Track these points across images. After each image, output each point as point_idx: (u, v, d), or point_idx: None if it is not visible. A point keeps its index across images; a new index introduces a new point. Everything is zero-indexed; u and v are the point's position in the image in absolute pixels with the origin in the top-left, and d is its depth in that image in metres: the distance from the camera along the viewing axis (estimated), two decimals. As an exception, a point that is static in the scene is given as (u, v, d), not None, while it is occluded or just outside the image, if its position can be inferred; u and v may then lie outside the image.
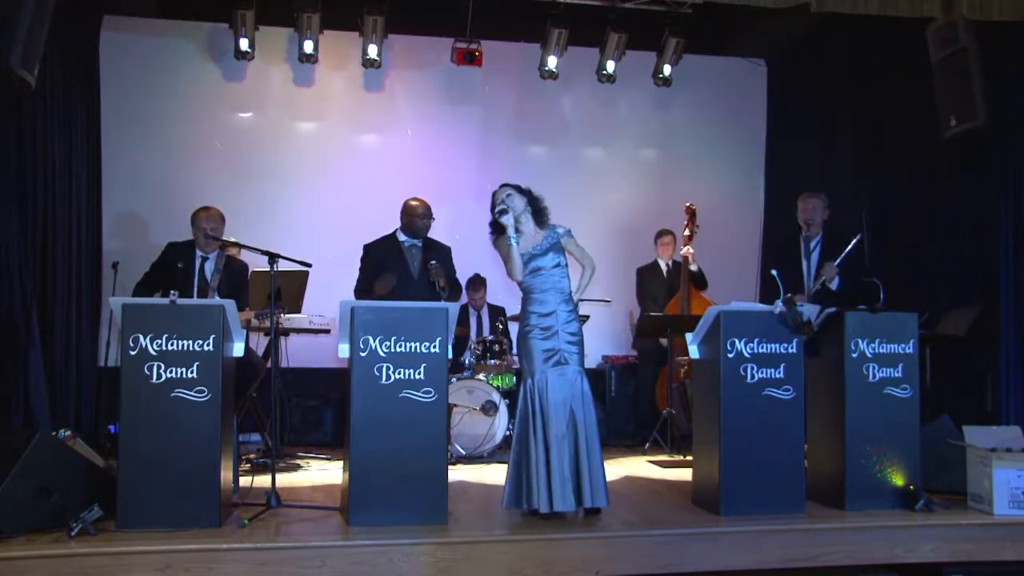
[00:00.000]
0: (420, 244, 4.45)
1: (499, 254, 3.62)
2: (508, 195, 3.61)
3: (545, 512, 3.31)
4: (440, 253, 4.51)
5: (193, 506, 3.12)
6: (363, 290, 4.42)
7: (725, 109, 7.00)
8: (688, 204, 5.68)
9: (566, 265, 3.60)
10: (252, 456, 4.77)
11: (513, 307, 6.06)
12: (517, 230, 3.55)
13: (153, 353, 3.16)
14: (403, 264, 4.40)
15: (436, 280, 4.23)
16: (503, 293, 6.38)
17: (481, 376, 5.34)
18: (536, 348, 3.47)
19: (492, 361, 5.50)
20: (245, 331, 3.64)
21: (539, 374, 3.44)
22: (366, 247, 4.50)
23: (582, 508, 3.39)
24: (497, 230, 3.60)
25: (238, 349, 3.44)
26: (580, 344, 3.54)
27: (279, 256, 3.63)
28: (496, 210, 3.55)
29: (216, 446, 3.17)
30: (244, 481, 3.81)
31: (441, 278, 4.25)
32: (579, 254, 3.69)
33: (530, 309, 3.54)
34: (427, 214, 4.46)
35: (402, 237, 4.49)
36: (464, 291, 6.29)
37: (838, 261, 4.25)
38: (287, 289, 4.57)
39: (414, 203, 4.50)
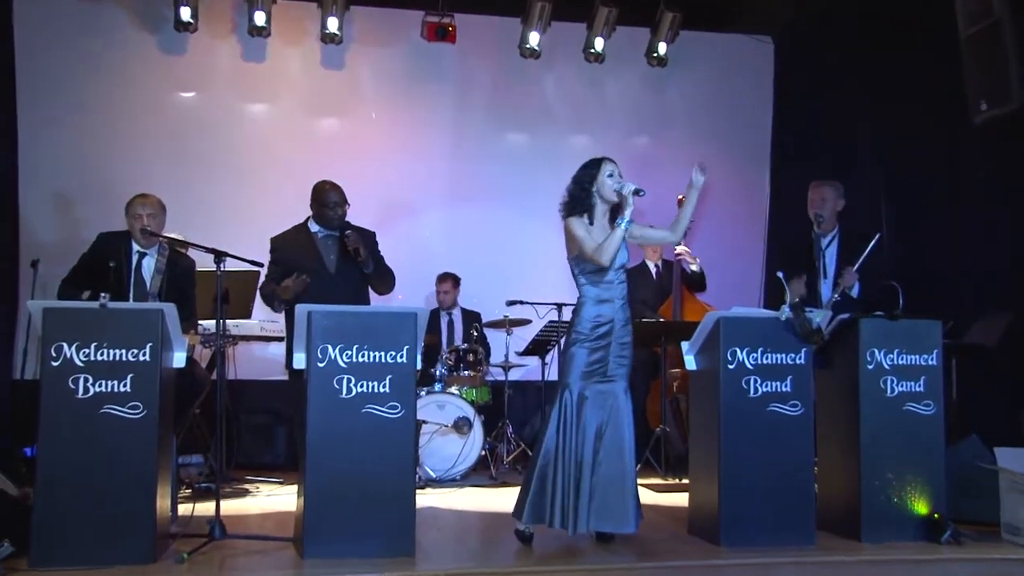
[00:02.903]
0: (336, 235, 4.27)
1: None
2: (616, 172, 3.53)
3: (569, 533, 3.32)
4: (362, 233, 4.31)
5: (123, 539, 3.05)
6: (269, 294, 4.22)
7: (726, 92, 7.04)
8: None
9: (628, 268, 3.58)
10: (193, 480, 4.72)
11: (490, 310, 6.11)
12: (591, 221, 3.48)
13: (79, 364, 3.10)
14: (317, 259, 4.23)
15: (354, 251, 4.08)
16: (479, 295, 6.36)
17: (453, 389, 5.32)
18: (580, 358, 3.43)
19: (466, 372, 5.48)
20: (187, 340, 3.59)
21: (577, 386, 3.42)
22: (273, 241, 4.31)
23: (599, 533, 3.41)
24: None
25: (179, 359, 3.38)
26: (631, 359, 3.52)
27: (226, 254, 3.57)
28: (632, 189, 3.41)
29: (152, 470, 3.12)
30: (184, 509, 3.76)
31: (360, 246, 4.10)
32: (653, 236, 3.74)
33: (585, 316, 3.47)
34: (341, 200, 4.26)
35: (314, 227, 4.30)
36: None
37: (856, 265, 4.22)
38: (236, 292, 4.51)
39: (324, 187, 4.28)
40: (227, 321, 4.47)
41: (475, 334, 5.76)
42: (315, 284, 4.12)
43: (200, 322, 4.38)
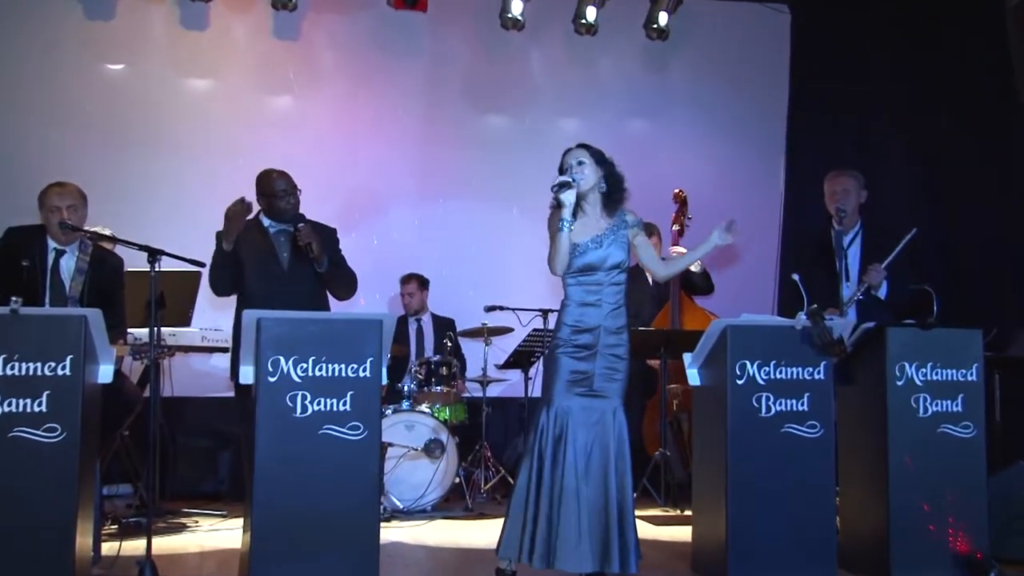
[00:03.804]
0: (290, 229, 4.23)
1: (549, 234, 3.53)
2: (580, 162, 3.54)
3: (539, 567, 3.31)
4: (320, 230, 4.28)
5: (37, 581, 3.02)
6: (215, 263, 4.14)
7: (736, 69, 7.06)
8: (677, 191, 5.70)
9: (627, 269, 3.56)
10: (121, 514, 4.67)
11: (466, 317, 6.10)
12: (575, 212, 3.48)
13: (-15, 379, 3.08)
14: (270, 256, 4.21)
15: (306, 247, 4.06)
16: (453, 300, 6.35)
17: (424, 407, 5.30)
18: (562, 366, 3.43)
19: (438, 388, 5.47)
20: (115, 351, 3.56)
21: (559, 402, 3.41)
22: (218, 235, 4.26)
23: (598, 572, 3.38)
24: (555, 203, 3.52)
25: (105, 374, 3.37)
26: (625, 371, 3.50)
27: (161, 252, 3.54)
28: (558, 182, 3.44)
29: (71, 501, 3.09)
30: (108, 548, 3.72)
31: (313, 240, 4.08)
32: (647, 256, 3.65)
33: (565, 320, 3.48)
34: (290, 188, 4.23)
35: (267, 221, 4.28)
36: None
37: (886, 262, 4.24)
38: (173, 295, 4.47)
39: (270, 175, 4.27)
40: (162, 329, 4.43)
41: (448, 344, 5.73)
42: (266, 285, 4.10)
43: (130, 330, 4.34)
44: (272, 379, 3.21)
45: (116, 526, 4.42)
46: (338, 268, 4.32)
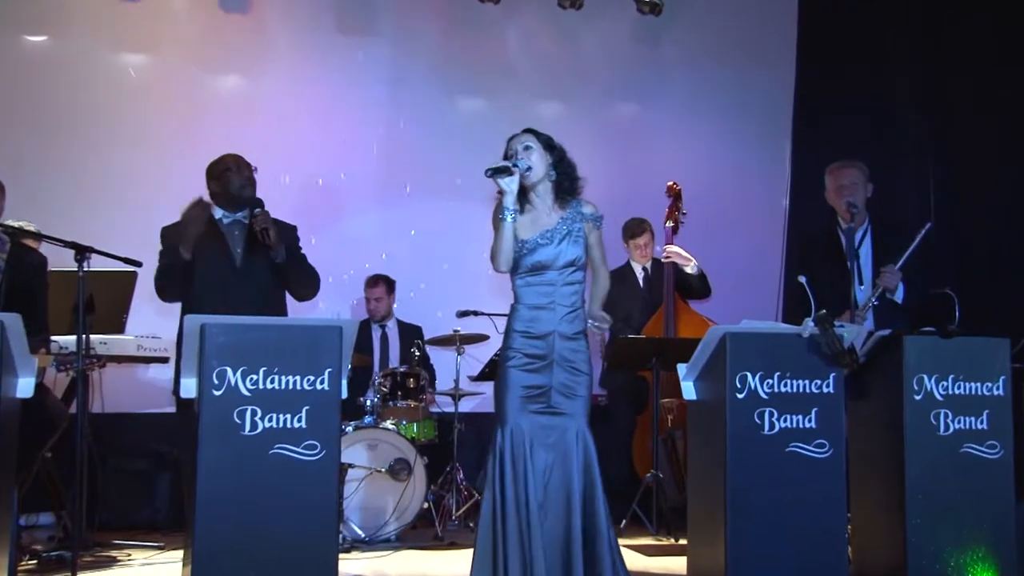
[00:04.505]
0: (245, 220, 4.26)
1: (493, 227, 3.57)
2: (527, 147, 3.57)
3: None
4: (281, 228, 4.31)
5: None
6: (166, 267, 4.18)
7: (737, 47, 7.09)
8: (671, 183, 5.73)
9: (585, 266, 3.58)
10: (42, 547, 4.60)
11: (436, 323, 6.09)
12: (522, 202, 3.48)
13: None
14: (222, 251, 4.23)
15: (262, 232, 4.07)
16: (422, 305, 6.33)
17: (389, 424, 5.29)
18: (513, 381, 3.45)
19: (404, 402, 5.46)
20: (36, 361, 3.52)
21: (514, 420, 3.42)
22: (165, 231, 4.30)
23: None
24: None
25: (24, 387, 3.35)
26: (587, 386, 3.52)
27: (91, 249, 3.51)
28: (493, 166, 3.46)
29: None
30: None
31: (270, 226, 4.10)
32: (599, 255, 3.67)
33: (515, 326, 3.51)
34: (243, 165, 4.28)
35: (218, 213, 4.31)
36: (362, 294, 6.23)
37: (900, 262, 4.27)
38: (104, 298, 4.45)
39: (227, 159, 4.31)
40: (92, 337, 4.39)
41: (416, 353, 5.73)
42: (216, 284, 4.10)
43: (54, 338, 4.31)
44: (217, 393, 3.19)
45: (35, 561, 4.34)
46: (298, 263, 4.33)
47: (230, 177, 4.27)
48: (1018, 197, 5.55)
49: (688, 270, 5.62)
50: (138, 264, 3.81)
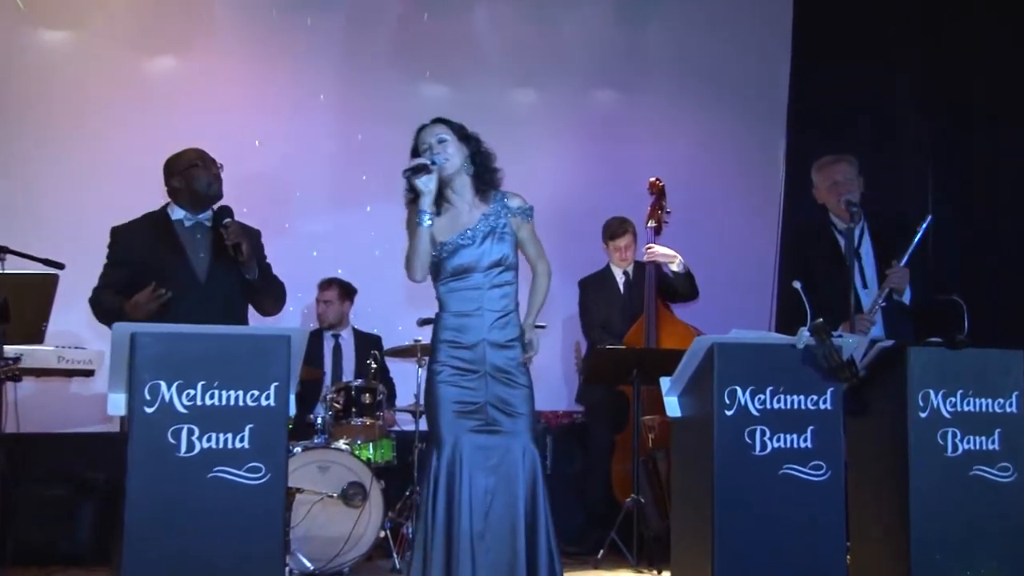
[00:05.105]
0: (208, 223, 4.25)
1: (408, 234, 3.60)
2: (441, 140, 3.57)
3: None
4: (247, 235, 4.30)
5: None
6: (109, 309, 4.09)
7: (728, 30, 7.13)
8: (653, 179, 5.75)
9: (515, 265, 3.58)
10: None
11: (395, 333, 6.08)
12: (438, 201, 3.49)
13: None
14: (181, 259, 4.19)
15: (234, 248, 4.06)
16: (379, 313, 6.31)
17: (342, 444, 5.28)
18: (443, 397, 3.47)
19: (360, 420, 5.44)
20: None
21: (448, 441, 3.43)
22: (115, 232, 4.28)
23: None
24: (408, 194, 3.57)
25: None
26: (528, 401, 3.52)
27: (6, 250, 3.47)
28: (411, 165, 3.46)
29: None
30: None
31: (243, 240, 4.08)
32: (533, 251, 3.68)
33: (441, 337, 3.54)
34: (208, 163, 4.26)
35: (178, 213, 4.28)
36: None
37: (905, 259, 4.28)
38: (20, 304, 4.38)
39: (188, 154, 4.27)
40: (5, 347, 4.34)
41: (373, 366, 5.71)
42: (177, 299, 4.04)
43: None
44: (150, 410, 3.16)
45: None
46: (268, 277, 4.33)
47: (197, 174, 4.21)
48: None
49: (673, 268, 5.63)
50: (60, 266, 3.78)
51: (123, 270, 4.17)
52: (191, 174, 4.22)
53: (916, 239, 4.28)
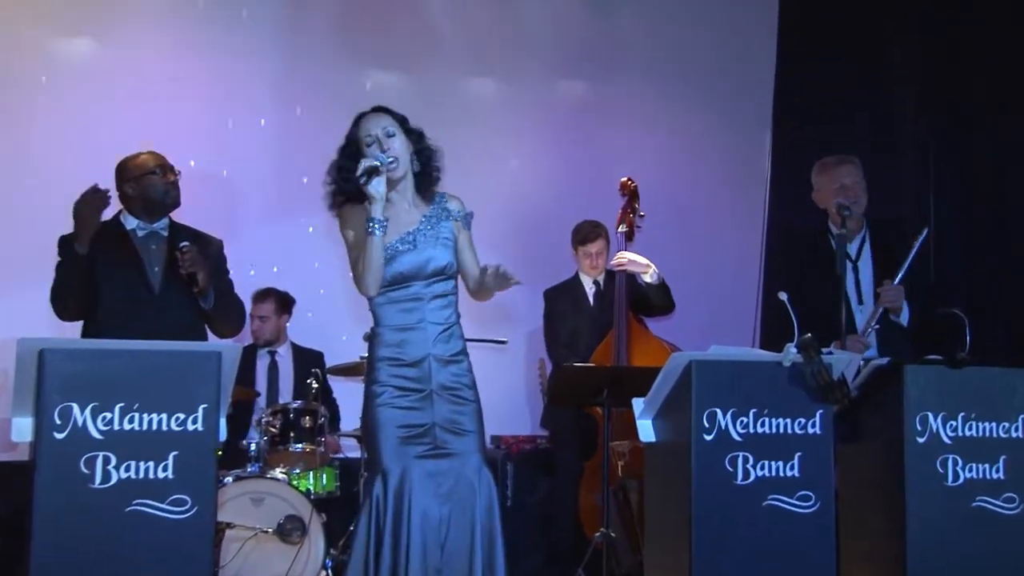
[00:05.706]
0: (165, 231, 4.33)
1: (343, 237, 3.58)
2: (390, 134, 3.56)
3: None
4: (203, 246, 4.39)
5: None
6: (67, 273, 4.20)
7: (709, 17, 7.19)
8: (625, 179, 5.75)
9: (455, 274, 3.59)
10: None
11: (338, 349, 6.06)
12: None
13: None
14: (135, 271, 4.26)
15: (190, 274, 4.12)
16: (321, 326, 6.29)
17: (278, 473, 5.25)
18: (386, 421, 3.46)
19: (299, 446, 5.41)
20: None
21: (395, 472, 3.42)
22: (63, 241, 4.31)
23: None
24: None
25: None
26: (476, 416, 3.54)
27: None
28: (364, 168, 3.43)
29: None
30: None
31: (199, 269, 4.14)
32: (471, 260, 3.67)
33: (380, 354, 3.54)
34: (164, 168, 4.33)
35: (131, 222, 4.37)
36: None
37: (899, 276, 4.32)
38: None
39: (142, 158, 4.37)
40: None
41: (314, 385, 5.69)
42: (127, 311, 4.12)
43: None
44: (60, 435, 3.13)
45: None
46: (226, 299, 4.40)
47: (153, 181, 4.29)
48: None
49: (647, 279, 5.62)
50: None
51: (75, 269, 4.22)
52: (148, 182, 4.31)
53: (911, 255, 4.32)
